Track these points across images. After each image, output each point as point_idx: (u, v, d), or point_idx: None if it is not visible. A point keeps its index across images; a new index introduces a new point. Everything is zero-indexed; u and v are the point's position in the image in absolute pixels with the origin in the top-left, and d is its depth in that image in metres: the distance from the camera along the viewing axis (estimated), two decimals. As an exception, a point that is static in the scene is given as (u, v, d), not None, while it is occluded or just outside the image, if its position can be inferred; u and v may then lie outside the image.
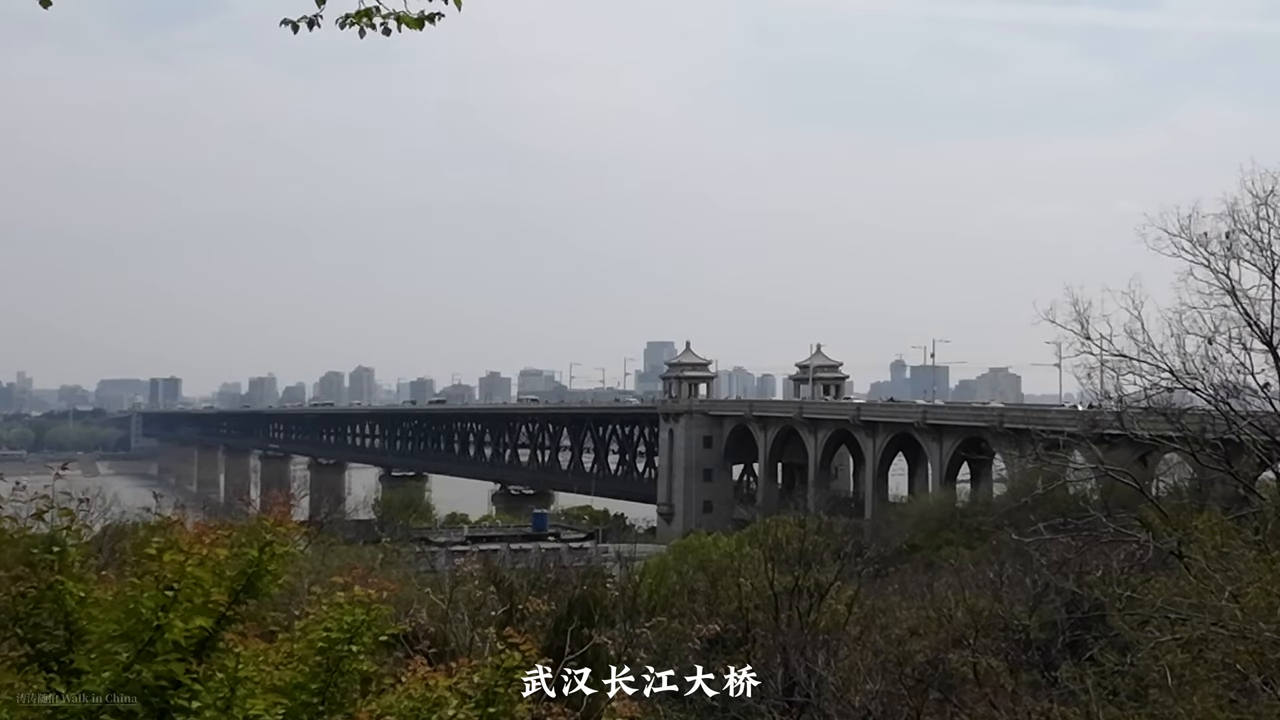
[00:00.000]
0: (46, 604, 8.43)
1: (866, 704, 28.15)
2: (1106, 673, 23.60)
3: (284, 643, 8.58)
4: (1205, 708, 18.17)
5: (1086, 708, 21.41)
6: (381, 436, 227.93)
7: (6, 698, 7.11)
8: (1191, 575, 21.67)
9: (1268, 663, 17.78)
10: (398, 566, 44.68)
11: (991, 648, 31.02)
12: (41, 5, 7.36)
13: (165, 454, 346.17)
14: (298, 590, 16.13)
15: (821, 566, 39.25)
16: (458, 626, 26.58)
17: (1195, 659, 19.82)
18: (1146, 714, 19.84)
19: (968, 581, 39.17)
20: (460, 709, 7.47)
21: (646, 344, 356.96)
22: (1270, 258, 28.15)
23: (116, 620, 7.61)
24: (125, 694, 7.36)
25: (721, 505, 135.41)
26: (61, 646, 8.24)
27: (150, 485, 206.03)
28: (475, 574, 33.47)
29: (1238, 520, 27.01)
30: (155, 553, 7.97)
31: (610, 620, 32.25)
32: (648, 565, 55.93)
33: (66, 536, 8.97)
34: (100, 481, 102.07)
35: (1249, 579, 19.52)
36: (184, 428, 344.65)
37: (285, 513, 9.24)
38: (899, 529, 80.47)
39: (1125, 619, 25.20)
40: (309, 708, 8.13)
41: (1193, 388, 29.33)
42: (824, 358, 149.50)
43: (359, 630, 8.46)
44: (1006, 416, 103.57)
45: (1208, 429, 30.54)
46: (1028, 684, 27.63)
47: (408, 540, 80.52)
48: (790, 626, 33.08)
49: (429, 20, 7.17)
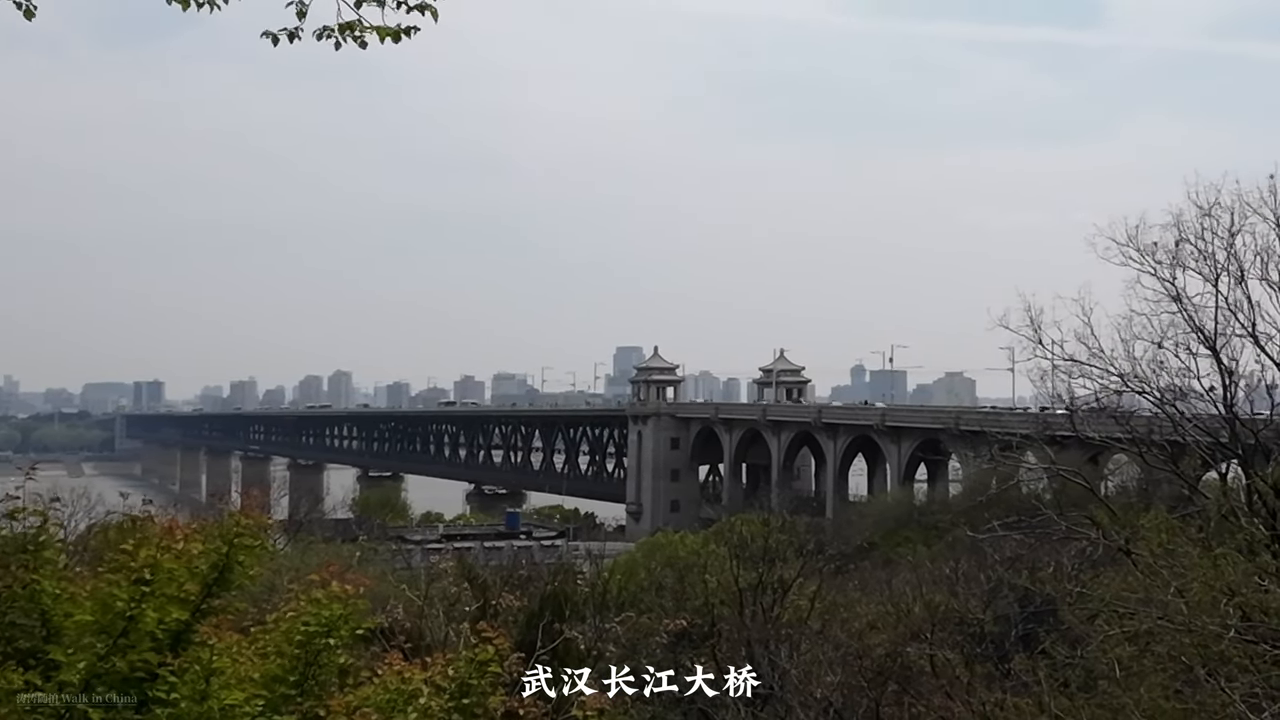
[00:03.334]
0: (21, 602, 8.31)
1: (828, 696, 28.15)
2: (1058, 665, 23.66)
3: (259, 635, 8.51)
4: (1152, 698, 18.22)
5: (1039, 698, 21.44)
6: (359, 438, 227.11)
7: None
8: (1139, 571, 21.74)
9: (1211, 655, 17.83)
10: (374, 564, 44.48)
11: (948, 641, 31.08)
12: (26, 17, 7.23)
13: (149, 455, 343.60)
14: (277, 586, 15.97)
15: (785, 563, 39.28)
16: (433, 622, 26.40)
17: (1142, 651, 19.88)
18: (1096, 704, 19.87)
19: (925, 577, 39.30)
20: (434, 699, 7.39)
21: (616, 349, 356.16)
22: (1214, 266, 28.32)
23: (91, 613, 7.51)
24: (101, 685, 7.26)
25: (688, 505, 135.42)
26: (38, 643, 8.11)
27: (134, 486, 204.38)
28: (450, 571, 33.28)
29: (1183, 519, 27.13)
30: (130, 548, 7.88)
31: (581, 616, 32.14)
32: (617, 563, 55.86)
33: (40, 536, 8.83)
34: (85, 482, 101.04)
35: (1193, 575, 19.58)
36: (167, 429, 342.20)
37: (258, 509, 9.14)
38: (859, 527, 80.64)
39: (1075, 613, 25.27)
40: (287, 699, 8.06)
41: (1140, 391, 29.50)
42: (787, 362, 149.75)
43: (336, 624, 8.40)
44: (962, 419, 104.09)
45: (1154, 431, 30.72)
46: (982, 676, 27.68)
47: (384, 539, 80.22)
48: (754, 621, 33.06)
49: (405, 33, 7.11)
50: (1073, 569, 29.22)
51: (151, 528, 9.07)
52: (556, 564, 46.08)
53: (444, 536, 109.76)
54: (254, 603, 9.60)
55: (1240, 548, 21.64)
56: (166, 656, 7.42)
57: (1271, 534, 22.45)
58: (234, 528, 8.17)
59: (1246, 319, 28.20)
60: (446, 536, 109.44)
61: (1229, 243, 28.38)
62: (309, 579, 9.01)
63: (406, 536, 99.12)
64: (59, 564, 8.93)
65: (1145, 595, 20.02)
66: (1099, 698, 20.29)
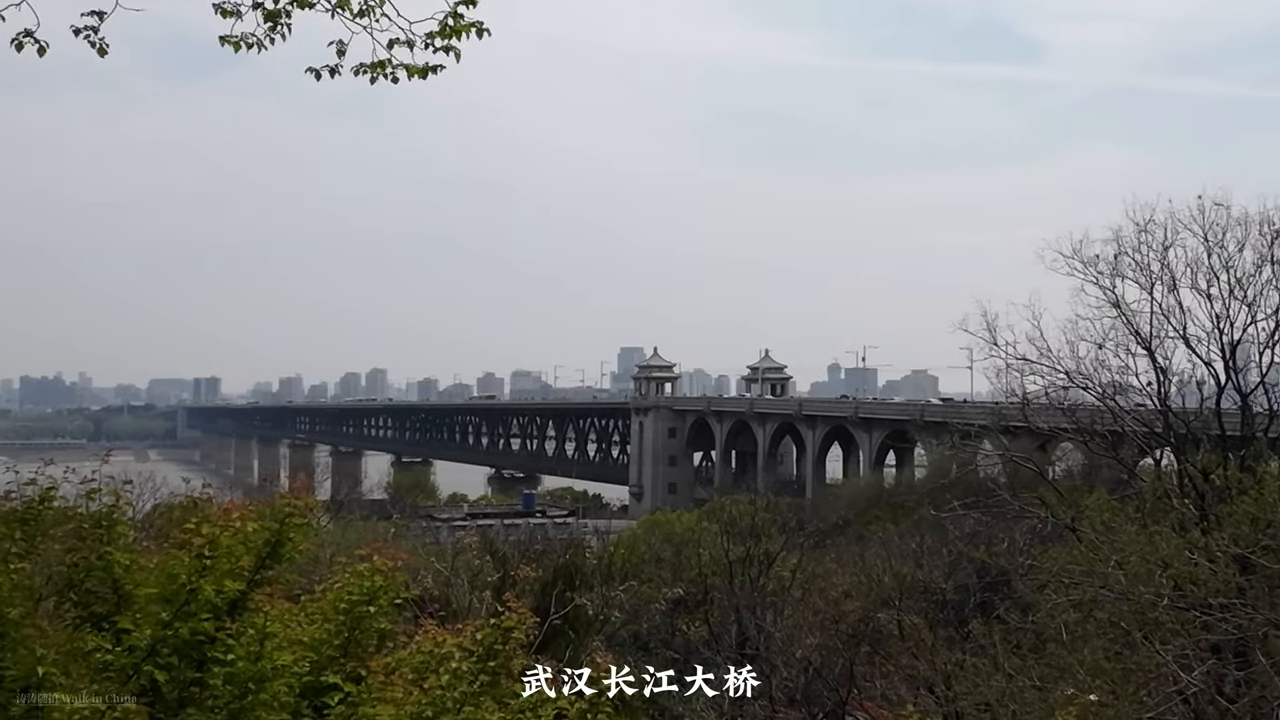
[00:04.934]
0: (96, 573, 8.28)
1: (808, 655, 28.16)
2: (1011, 629, 23.65)
3: (307, 603, 8.49)
4: (1094, 659, 18.21)
5: (994, 659, 21.42)
6: (393, 428, 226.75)
7: (64, 652, 6.98)
8: (1083, 546, 21.71)
9: (1147, 620, 17.82)
10: (407, 540, 44.40)
11: (914, 608, 31.07)
12: (99, 54, 7.20)
13: (207, 443, 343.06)
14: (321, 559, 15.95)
15: (769, 539, 39.31)
16: (458, 590, 26.42)
17: (1086, 617, 19.87)
18: (1044, 664, 19.85)
19: (893, 551, 39.26)
20: (464, 662, 7.38)
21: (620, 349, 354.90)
22: (1149, 276, 28.30)
23: (157, 584, 7.48)
24: (165, 649, 7.23)
25: (684, 487, 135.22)
26: (110, 609, 8.09)
27: (194, 471, 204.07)
28: (473, 546, 33.28)
29: (1122, 500, 27.10)
30: (193, 526, 7.87)
31: (589, 585, 32.14)
32: (621, 538, 55.85)
33: (113, 514, 8.82)
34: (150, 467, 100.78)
35: (1131, 550, 19.57)
36: (223, 420, 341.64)
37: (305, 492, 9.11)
38: (835, 507, 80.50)
39: (1027, 583, 25.24)
40: (333, 660, 8.04)
41: (1084, 386, 29.46)
42: (771, 361, 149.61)
43: (376, 594, 8.38)
44: (926, 411, 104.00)
45: (1097, 422, 30.68)
46: (944, 639, 27.66)
47: (415, 517, 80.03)
48: (742, 590, 33.07)
49: (432, 71, 7.09)
50: (1024, 544, 29.22)
51: (211, 508, 9.06)
52: (568, 539, 46.09)
53: (468, 515, 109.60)
54: (301, 574, 9.58)
55: (1173, 526, 21.64)
56: (225, 622, 7.39)
57: (1200, 513, 22.42)
58: (284, 508, 8.15)
59: (1178, 323, 28.21)
60: (470, 515, 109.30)
61: (1163, 255, 28.36)
62: (354, 552, 8.99)
63: (435, 515, 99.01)
64: (129, 539, 8.90)
65: (1088, 567, 20.01)
66: (1047, 658, 20.28)
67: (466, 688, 7.17)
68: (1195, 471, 24.72)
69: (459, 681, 7.20)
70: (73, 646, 7.16)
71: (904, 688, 24.21)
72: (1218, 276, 27.82)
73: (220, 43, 6.97)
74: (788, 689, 27.26)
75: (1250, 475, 21.94)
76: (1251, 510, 18.53)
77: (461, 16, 6.72)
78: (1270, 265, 27.43)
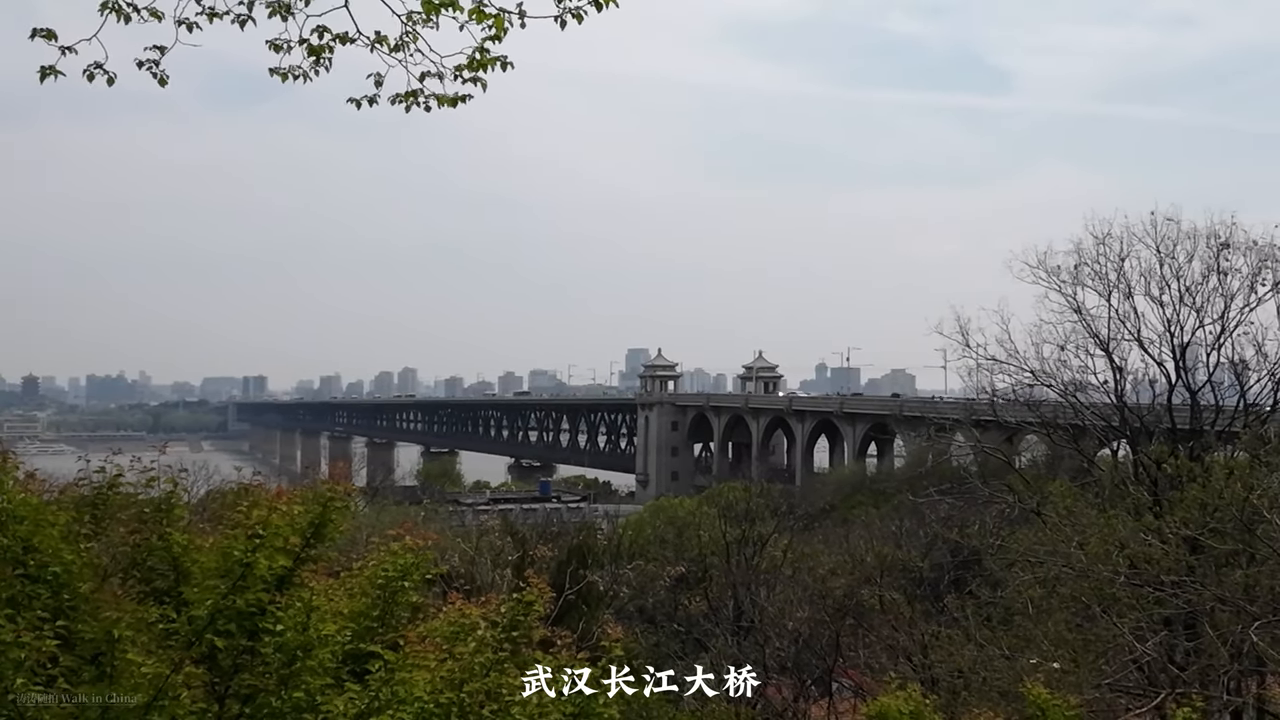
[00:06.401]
0: (157, 552, 8.31)
1: (797, 628, 28.13)
2: (982, 604, 23.61)
3: (348, 579, 8.51)
4: (1057, 630, 18.18)
5: (966, 630, 21.40)
6: (422, 421, 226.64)
7: (133, 620, 7.03)
8: (1047, 529, 21.69)
9: (1105, 596, 17.79)
10: (435, 522, 44.41)
11: (893, 584, 31.03)
12: (160, 84, 7.22)
13: (254, 435, 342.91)
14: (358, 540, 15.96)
15: (762, 522, 39.20)
16: (481, 568, 26.42)
17: (1050, 593, 19.83)
18: (1012, 635, 19.83)
19: (875, 533, 39.23)
20: (489, 632, 7.40)
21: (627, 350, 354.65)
22: (1107, 284, 28.33)
23: (214, 561, 7.51)
24: (222, 619, 7.27)
25: (685, 475, 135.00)
26: (170, 584, 8.12)
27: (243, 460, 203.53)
28: (495, 528, 33.30)
29: (1082, 486, 27.09)
30: (245, 509, 7.92)
31: (600, 563, 32.16)
32: (629, 521, 55.84)
33: (171, 499, 8.87)
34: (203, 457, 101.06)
35: (1091, 532, 19.54)
36: (269, 415, 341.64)
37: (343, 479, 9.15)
38: (822, 493, 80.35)
39: (996, 562, 25.24)
40: (371, 630, 8.06)
41: (1048, 384, 29.46)
42: (764, 361, 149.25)
43: (409, 571, 8.40)
44: (905, 406, 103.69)
45: (1059, 416, 30.68)
46: (921, 612, 27.63)
47: (443, 502, 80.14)
48: (738, 568, 33.02)
49: (461, 100, 7.10)
50: (994, 526, 29.19)
51: (260, 493, 9.10)
52: (580, 522, 46.10)
53: (490, 500, 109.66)
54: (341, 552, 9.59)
55: (1128, 510, 21.61)
56: (275, 595, 7.41)
57: (1153, 499, 22.38)
58: (325, 493, 8.16)
59: (1133, 327, 28.26)
60: (492, 500, 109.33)
61: (1119, 265, 28.41)
62: (387, 533, 9.01)
63: (460, 500, 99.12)
64: (186, 521, 8.93)
65: (1052, 548, 19.99)
66: (1015, 630, 20.27)
67: (492, 655, 7.19)
68: (1149, 461, 24.70)
69: (485, 649, 7.22)
70: (138, 617, 7.19)
71: (885, 657, 24.18)
72: (1169, 285, 27.85)
73: (270, 74, 7.00)
74: (779, 658, 27.24)
75: (1199, 465, 21.90)
76: (1200, 496, 18.50)
77: (488, 51, 6.73)
78: (1216, 274, 27.44)
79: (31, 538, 7.37)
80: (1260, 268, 26.90)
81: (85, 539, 7.75)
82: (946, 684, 18.80)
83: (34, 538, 7.37)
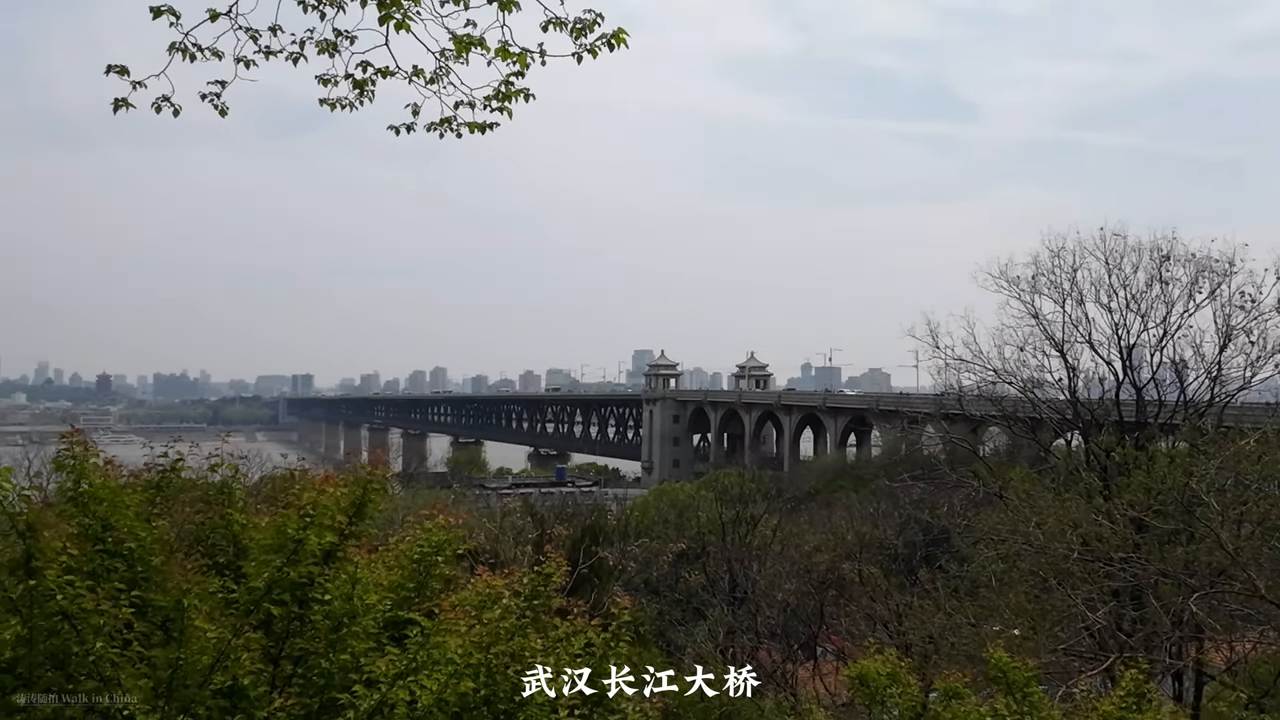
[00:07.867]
0: (219, 530, 8.37)
1: (786, 599, 28.18)
2: (950, 577, 23.64)
3: (386, 554, 8.56)
4: (1018, 601, 18.17)
5: (936, 601, 21.41)
6: (451, 415, 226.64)
7: (199, 590, 7.10)
8: (1008, 510, 21.69)
9: (1060, 570, 17.78)
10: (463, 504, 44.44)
11: (871, 560, 31.06)
12: (220, 115, 7.24)
13: (302, 427, 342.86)
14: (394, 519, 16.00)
15: (754, 504, 39.24)
16: (504, 545, 26.44)
17: (1010, 568, 19.83)
18: (977, 605, 19.82)
19: (855, 515, 39.25)
20: (512, 601, 7.45)
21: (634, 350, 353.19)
22: (1061, 292, 28.41)
23: (270, 537, 7.56)
24: (277, 589, 7.31)
25: (686, 463, 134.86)
26: (231, 558, 8.18)
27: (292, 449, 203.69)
28: (517, 509, 33.33)
29: (1039, 473, 27.07)
30: (297, 492, 7.98)
31: (610, 541, 32.21)
32: (635, 504, 55.94)
33: (231, 482, 8.95)
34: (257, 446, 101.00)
35: (1047, 513, 19.53)
36: (315, 409, 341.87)
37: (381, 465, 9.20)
38: (807, 479, 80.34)
39: (963, 540, 25.23)
40: (408, 600, 8.09)
41: (1009, 382, 29.51)
42: (756, 360, 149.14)
43: (441, 547, 8.42)
44: (881, 401, 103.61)
45: (1019, 410, 30.68)
46: (896, 585, 27.66)
47: (470, 486, 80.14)
48: (733, 545, 33.05)
49: (490, 127, 7.13)
50: (960, 508, 29.22)
51: (308, 478, 9.14)
52: (592, 505, 46.15)
53: (512, 485, 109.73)
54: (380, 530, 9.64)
55: (1081, 494, 21.61)
56: (323, 568, 7.45)
57: (1103, 484, 22.38)
58: (366, 477, 8.20)
59: (1085, 331, 28.33)
60: (514, 485, 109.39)
61: (1072, 276, 28.48)
62: (421, 513, 9.05)
63: (485, 485, 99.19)
64: (243, 503, 8.99)
65: (1013, 527, 19.99)
66: (979, 600, 20.28)
67: (515, 621, 7.21)
68: (1099, 450, 24.71)
69: (509, 616, 7.24)
70: (203, 588, 7.24)
71: (864, 624, 24.20)
72: (1116, 293, 27.92)
73: (320, 104, 7.04)
74: (770, 625, 27.28)
75: (1144, 453, 21.90)
76: (1144, 482, 18.49)
77: (512, 84, 6.79)
78: (1159, 284, 27.49)
79: (109, 517, 7.41)
80: (1198, 277, 26.97)
81: (156, 518, 7.81)
82: (919, 648, 18.80)
83: (111, 517, 7.41)
